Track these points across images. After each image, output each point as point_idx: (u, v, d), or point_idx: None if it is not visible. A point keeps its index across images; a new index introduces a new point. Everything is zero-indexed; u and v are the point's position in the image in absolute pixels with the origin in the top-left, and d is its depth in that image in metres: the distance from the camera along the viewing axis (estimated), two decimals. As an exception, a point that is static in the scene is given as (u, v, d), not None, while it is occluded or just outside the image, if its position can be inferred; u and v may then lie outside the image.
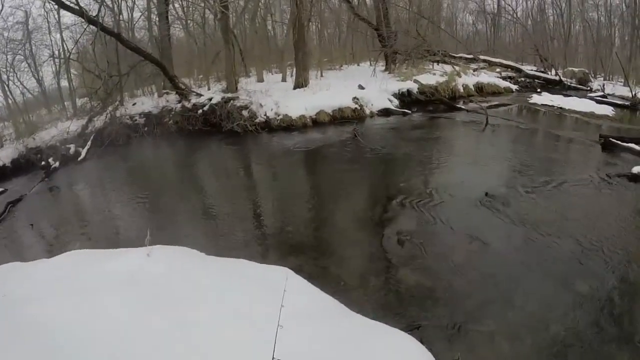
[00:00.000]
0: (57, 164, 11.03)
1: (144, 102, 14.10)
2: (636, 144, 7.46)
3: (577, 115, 10.63)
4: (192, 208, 6.99)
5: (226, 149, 10.97)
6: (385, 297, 3.83)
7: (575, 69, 15.97)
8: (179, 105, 12.93)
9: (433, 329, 3.36)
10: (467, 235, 4.76)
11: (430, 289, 3.86)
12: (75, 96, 16.36)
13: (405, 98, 12.63)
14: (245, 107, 11.86)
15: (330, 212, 5.92)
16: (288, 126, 11.13)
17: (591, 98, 12.36)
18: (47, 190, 9.62)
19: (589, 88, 14.43)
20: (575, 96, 12.65)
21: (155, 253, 4.11)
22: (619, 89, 13.95)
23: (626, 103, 11.80)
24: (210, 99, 12.59)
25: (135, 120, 13.06)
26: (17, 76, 15.96)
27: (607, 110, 11.16)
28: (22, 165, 11.60)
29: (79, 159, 11.34)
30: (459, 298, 3.68)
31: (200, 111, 12.37)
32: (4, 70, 15.05)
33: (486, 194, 5.78)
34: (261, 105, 11.78)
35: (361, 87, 12.53)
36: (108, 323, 2.99)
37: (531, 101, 12.35)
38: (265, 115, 11.50)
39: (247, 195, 7.36)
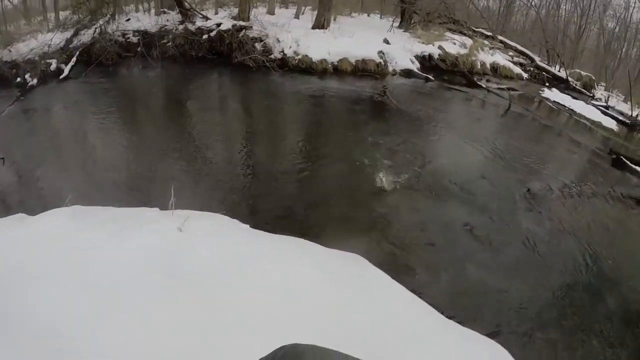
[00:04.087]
0: (34, 81, 9.45)
1: (139, 19, 12.44)
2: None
3: (586, 122, 10.81)
4: (200, 153, 6.08)
5: (236, 84, 10.01)
6: (461, 299, 3.67)
7: (583, 73, 16.09)
8: (181, 27, 11.47)
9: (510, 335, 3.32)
10: (520, 234, 4.77)
11: (498, 290, 3.82)
12: (58, 7, 14.26)
13: (425, 62, 12.06)
14: (260, 40, 10.80)
15: (370, 181, 5.50)
16: (307, 69, 10.32)
17: (595, 106, 12.59)
18: (22, 112, 8.19)
19: (592, 95, 14.68)
20: (581, 100, 12.79)
21: (189, 228, 3.25)
22: (620, 104, 14.37)
23: (626, 121, 12.13)
24: (219, 25, 11.27)
25: (129, 38, 11.52)
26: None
27: (612, 123, 11.42)
28: (-6, 81, 9.80)
29: (61, 76, 9.84)
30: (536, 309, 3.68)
31: (205, 36, 11.08)
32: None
33: (528, 190, 5.83)
34: (278, 41, 10.77)
35: (387, 42, 11.76)
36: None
37: (543, 95, 12.32)
38: (282, 52, 10.55)
39: (271, 145, 6.65)
